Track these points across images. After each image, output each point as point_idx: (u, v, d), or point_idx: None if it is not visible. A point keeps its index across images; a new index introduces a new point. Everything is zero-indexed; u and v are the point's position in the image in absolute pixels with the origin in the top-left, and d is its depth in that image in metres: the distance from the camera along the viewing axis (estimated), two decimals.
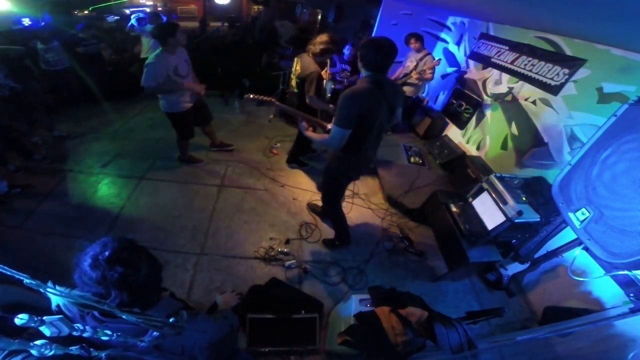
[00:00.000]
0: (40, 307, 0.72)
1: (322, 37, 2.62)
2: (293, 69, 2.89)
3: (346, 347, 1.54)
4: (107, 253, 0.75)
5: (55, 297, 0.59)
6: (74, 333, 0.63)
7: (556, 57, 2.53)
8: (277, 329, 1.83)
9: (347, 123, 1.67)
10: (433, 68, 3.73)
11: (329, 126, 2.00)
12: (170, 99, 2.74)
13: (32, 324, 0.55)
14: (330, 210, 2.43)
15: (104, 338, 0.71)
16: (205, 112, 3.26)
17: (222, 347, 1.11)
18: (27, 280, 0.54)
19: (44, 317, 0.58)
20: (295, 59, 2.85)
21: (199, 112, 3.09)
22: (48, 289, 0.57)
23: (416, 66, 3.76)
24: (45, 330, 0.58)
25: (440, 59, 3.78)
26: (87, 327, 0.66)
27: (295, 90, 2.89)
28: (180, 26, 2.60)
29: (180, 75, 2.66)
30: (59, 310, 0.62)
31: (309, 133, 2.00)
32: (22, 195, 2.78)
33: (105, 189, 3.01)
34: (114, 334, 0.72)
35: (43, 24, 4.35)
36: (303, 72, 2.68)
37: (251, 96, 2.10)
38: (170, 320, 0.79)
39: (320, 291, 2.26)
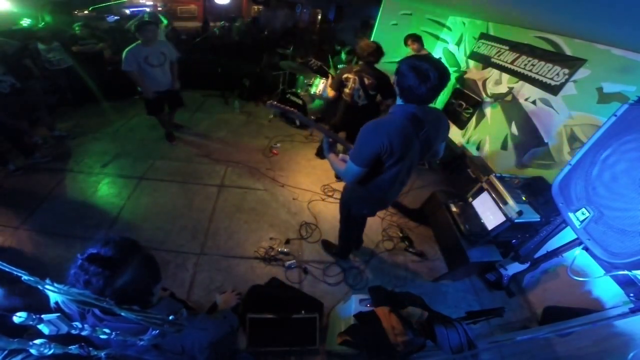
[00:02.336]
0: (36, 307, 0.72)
1: (369, 44, 2.73)
2: (358, 85, 2.82)
3: (346, 347, 1.54)
4: (89, 252, 0.75)
5: (54, 294, 0.58)
6: (73, 331, 0.63)
7: (556, 57, 2.52)
8: (277, 329, 1.82)
9: (362, 161, 1.38)
10: None
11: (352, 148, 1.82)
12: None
13: (31, 322, 0.55)
14: (343, 244, 2.39)
15: (102, 336, 0.71)
16: (176, 98, 3.68)
17: (222, 347, 1.11)
18: (25, 277, 0.54)
19: (43, 315, 0.58)
20: (354, 76, 2.81)
21: (171, 98, 3.60)
22: (46, 286, 0.57)
23: None
24: (44, 328, 0.58)
25: (440, 59, 3.78)
26: (85, 326, 0.66)
27: (365, 102, 2.90)
28: (151, 24, 3.02)
29: (151, 64, 3.09)
30: (58, 308, 0.62)
31: (331, 156, 1.67)
32: None
33: (105, 189, 3.01)
34: (113, 333, 0.72)
35: (43, 24, 4.35)
36: (380, 80, 2.79)
37: (274, 103, 1.78)
38: (170, 317, 0.79)
39: (320, 291, 2.26)
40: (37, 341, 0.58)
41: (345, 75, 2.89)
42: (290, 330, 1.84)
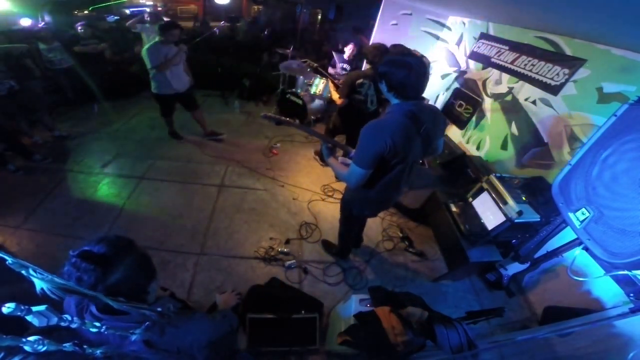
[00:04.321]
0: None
1: (380, 47, 2.52)
2: (373, 90, 2.69)
3: (346, 347, 1.54)
4: (81, 250, 0.74)
5: (39, 281, 0.58)
6: (62, 323, 0.62)
7: (556, 57, 2.52)
8: (277, 329, 1.83)
9: (366, 163, 1.38)
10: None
11: (354, 151, 1.71)
12: (158, 83, 3.29)
13: (19, 313, 0.54)
14: (342, 244, 2.39)
15: (92, 330, 0.70)
16: (190, 99, 3.71)
17: (221, 346, 1.11)
18: (9, 261, 0.54)
19: (31, 307, 0.57)
20: (370, 81, 2.63)
21: (184, 99, 3.62)
22: (31, 272, 0.56)
23: None
24: (34, 320, 0.57)
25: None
26: (74, 318, 0.65)
27: (375, 107, 2.75)
28: (178, 27, 3.16)
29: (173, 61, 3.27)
30: (44, 294, 0.61)
31: (332, 161, 1.68)
32: None
33: (105, 189, 3.01)
34: (103, 326, 0.71)
35: (43, 24, 4.36)
36: None
37: (269, 114, 1.74)
38: (158, 309, 0.78)
39: (320, 291, 2.26)
40: (31, 338, 0.58)
41: (359, 81, 2.64)
42: (290, 330, 1.84)
